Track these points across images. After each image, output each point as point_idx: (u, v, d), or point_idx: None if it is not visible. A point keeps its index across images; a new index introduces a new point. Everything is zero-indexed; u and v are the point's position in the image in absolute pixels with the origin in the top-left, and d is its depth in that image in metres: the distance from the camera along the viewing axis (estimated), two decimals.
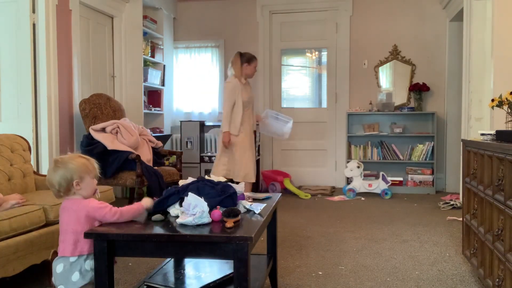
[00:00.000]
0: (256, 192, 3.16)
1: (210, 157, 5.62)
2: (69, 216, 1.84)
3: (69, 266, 1.80)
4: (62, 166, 1.84)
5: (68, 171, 1.84)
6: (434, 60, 5.92)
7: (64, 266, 1.80)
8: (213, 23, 6.45)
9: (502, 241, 1.97)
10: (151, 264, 2.91)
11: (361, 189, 5.47)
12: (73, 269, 1.79)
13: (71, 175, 1.84)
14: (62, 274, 1.80)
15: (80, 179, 1.85)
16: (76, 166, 1.85)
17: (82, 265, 1.80)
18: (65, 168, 1.84)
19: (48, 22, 3.92)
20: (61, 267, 1.80)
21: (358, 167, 5.46)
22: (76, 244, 1.80)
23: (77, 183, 1.84)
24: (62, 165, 1.84)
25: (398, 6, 5.99)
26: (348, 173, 5.52)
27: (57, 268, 1.81)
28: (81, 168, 1.87)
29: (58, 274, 1.81)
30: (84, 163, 1.89)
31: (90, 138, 4.08)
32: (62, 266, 1.80)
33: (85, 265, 1.81)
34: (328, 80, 6.26)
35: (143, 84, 5.46)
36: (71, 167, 1.84)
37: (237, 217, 1.80)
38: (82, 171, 1.87)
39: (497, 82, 3.62)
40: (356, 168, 5.45)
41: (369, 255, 3.12)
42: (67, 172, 1.83)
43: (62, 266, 1.80)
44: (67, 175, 1.83)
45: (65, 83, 4.22)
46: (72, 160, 1.87)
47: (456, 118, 5.58)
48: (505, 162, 1.93)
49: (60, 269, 1.80)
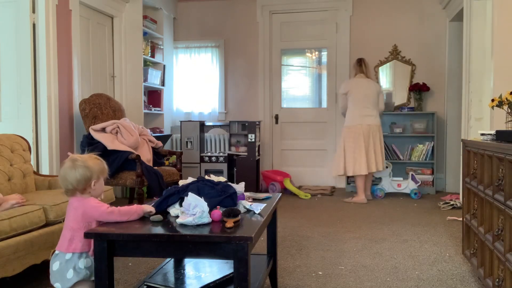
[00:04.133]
0: (256, 192, 3.16)
1: (210, 157, 5.62)
2: (69, 213, 1.88)
3: (64, 263, 1.83)
4: (82, 165, 1.87)
5: (89, 170, 1.88)
6: (434, 60, 5.92)
7: (60, 263, 1.84)
8: (213, 23, 6.46)
9: (502, 241, 1.97)
10: (151, 264, 2.91)
11: (390, 189, 5.45)
12: (68, 266, 1.83)
13: (92, 174, 1.88)
14: (58, 271, 1.84)
15: (97, 179, 1.90)
16: (95, 166, 1.91)
17: (76, 263, 1.84)
18: (86, 167, 1.87)
19: (48, 22, 3.92)
20: (57, 264, 1.84)
21: (387, 167, 5.44)
22: (71, 241, 1.84)
23: (94, 182, 1.89)
24: (82, 163, 1.88)
25: (398, 6, 6.00)
26: (376, 173, 5.49)
27: (53, 266, 1.85)
28: (100, 168, 1.93)
29: (54, 271, 1.85)
30: (101, 164, 1.95)
31: (90, 138, 4.08)
32: (58, 263, 1.84)
33: (79, 263, 1.84)
34: (328, 80, 6.26)
35: (143, 84, 5.46)
36: (92, 166, 1.89)
37: (237, 217, 1.80)
38: (100, 171, 1.93)
39: (497, 82, 3.62)
40: (384, 168, 5.43)
41: (369, 255, 3.12)
42: (88, 171, 1.87)
43: (58, 264, 1.84)
44: (88, 174, 1.87)
45: (65, 83, 4.22)
46: (91, 160, 1.92)
47: (456, 118, 5.58)
48: (505, 162, 1.93)
49: (56, 266, 1.84)
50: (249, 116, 6.33)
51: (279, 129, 6.40)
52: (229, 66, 6.44)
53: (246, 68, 6.40)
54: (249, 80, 6.41)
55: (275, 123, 6.41)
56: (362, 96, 5.16)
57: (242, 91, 6.42)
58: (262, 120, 6.30)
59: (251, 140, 5.57)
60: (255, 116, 6.32)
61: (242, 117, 6.32)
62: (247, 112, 6.39)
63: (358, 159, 5.09)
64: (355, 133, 5.11)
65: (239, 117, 6.33)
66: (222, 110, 6.45)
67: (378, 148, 5.16)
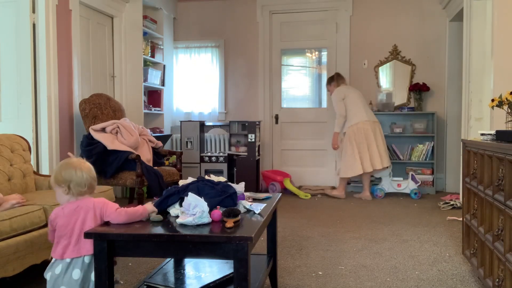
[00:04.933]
0: (256, 192, 3.16)
1: (210, 157, 5.62)
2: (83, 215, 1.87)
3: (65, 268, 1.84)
4: (88, 168, 1.93)
5: (93, 172, 1.94)
6: (434, 60, 5.92)
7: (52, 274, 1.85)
8: (213, 23, 6.46)
9: (502, 241, 1.97)
10: (151, 264, 2.91)
11: (390, 189, 5.46)
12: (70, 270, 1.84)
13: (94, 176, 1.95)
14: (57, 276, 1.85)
15: None
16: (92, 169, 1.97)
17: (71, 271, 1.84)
18: (91, 170, 1.94)
19: (48, 22, 3.92)
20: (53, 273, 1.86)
21: (387, 167, 5.45)
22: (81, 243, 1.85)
23: None
24: (87, 165, 1.94)
25: (398, 6, 5.99)
26: (377, 173, 5.50)
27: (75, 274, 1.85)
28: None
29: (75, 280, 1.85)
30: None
31: (90, 138, 4.08)
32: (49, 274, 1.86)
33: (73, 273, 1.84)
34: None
35: (143, 84, 5.46)
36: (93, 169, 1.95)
37: (237, 217, 1.80)
38: None
39: (497, 82, 3.62)
40: (390, 164, 5.43)
41: (369, 255, 3.12)
42: (93, 173, 1.94)
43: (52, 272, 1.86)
44: (94, 176, 1.94)
45: (65, 83, 4.22)
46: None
47: (456, 118, 5.58)
48: (505, 162, 1.93)
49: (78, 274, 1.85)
50: (249, 116, 6.33)
51: (279, 129, 6.40)
52: (229, 66, 6.44)
53: (246, 68, 6.40)
54: (249, 80, 6.41)
55: (275, 123, 6.41)
56: (358, 97, 5.39)
57: (242, 91, 6.42)
58: (262, 120, 6.30)
59: (251, 140, 5.57)
60: (255, 116, 6.32)
61: (242, 117, 6.32)
62: (247, 112, 6.39)
63: (373, 154, 5.26)
64: (364, 129, 5.26)
65: (239, 117, 6.33)
66: (222, 110, 6.45)
67: (382, 144, 5.34)
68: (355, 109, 5.32)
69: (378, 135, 5.31)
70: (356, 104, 5.33)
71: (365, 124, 5.26)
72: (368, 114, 5.36)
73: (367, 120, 5.28)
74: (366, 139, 5.25)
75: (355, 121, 5.30)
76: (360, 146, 5.25)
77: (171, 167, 4.53)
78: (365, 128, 5.25)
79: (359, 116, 5.29)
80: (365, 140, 5.25)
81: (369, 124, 5.28)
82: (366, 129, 5.25)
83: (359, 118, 5.28)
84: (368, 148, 5.24)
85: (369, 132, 5.26)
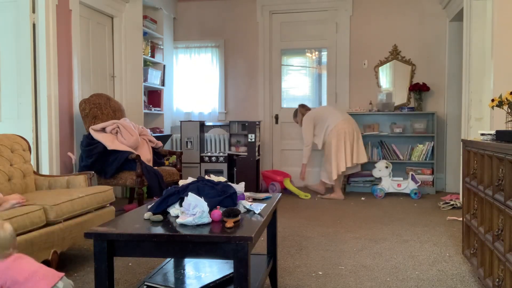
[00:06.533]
0: (256, 192, 3.16)
1: (210, 157, 5.62)
2: None
3: None
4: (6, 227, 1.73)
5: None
6: (434, 60, 5.92)
7: None
8: (213, 23, 6.46)
9: (502, 241, 1.97)
10: (151, 264, 2.91)
11: (390, 189, 5.46)
12: None
13: None
14: None
15: None
16: None
17: None
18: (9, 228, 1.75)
19: (48, 22, 3.92)
20: None
21: (387, 167, 5.45)
22: None
23: None
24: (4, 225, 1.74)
25: (398, 6, 5.99)
26: (376, 173, 5.50)
27: None
28: None
29: None
30: None
31: (90, 138, 4.08)
32: None
33: None
34: (328, 80, 6.26)
35: (143, 84, 5.46)
36: None
37: (237, 217, 1.80)
38: None
39: (497, 82, 3.62)
40: (384, 169, 5.43)
41: (369, 255, 3.12)
42: None
43: None
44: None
45: (65, 83, 4.22)
46: None
47: (456, 118, 5.58)
48: (505, 162, 1.93)
49: None
50: (249, 116, 6.33)
51: (279, 129, 6.40)
52: (229, 66, 6.44)
53: (246, 68, 6.40)
54: (249, 80, 6.41)
55: (275, 123, 6.41)
56: (328, 106, 5.68)
57: (242, 91, 6.42)
58: (262, 120, 6.30)
59: (251, 140, 5.57)
60: (255, 116, 6.32)
61: (242, 117, 6.32)
62: (247, 112, 6.39)
63: (353, 151, 5.34)
64: (343, 128, 5.30)
65: (239, 117, 6.33)
66: (222, 110, 6.45)
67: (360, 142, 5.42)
68: (327, 114, 5.40)
69: (356, 134, 5.36)
70: (327, 110, 5.46)
71: (343, 124, 5.29)
72: (343, 114, 5.42)
73: (343, 119, 5.32)
74: (346, 138, 5.29)
75: (333, 125, 5.31)
76: (339, 144, 5.29)
77: (171, 167, 4.53)
78: (344, 127, 5.28)
79: (334, 118, 5.33)
80: (343, 138, 5.29)
81: (346, 122, 5.31)
82: (344, 128, 5.28)
83: (335, 120, 5.31)
84: (348, 146, 5.29)
85: (348, 131, 5.29)
